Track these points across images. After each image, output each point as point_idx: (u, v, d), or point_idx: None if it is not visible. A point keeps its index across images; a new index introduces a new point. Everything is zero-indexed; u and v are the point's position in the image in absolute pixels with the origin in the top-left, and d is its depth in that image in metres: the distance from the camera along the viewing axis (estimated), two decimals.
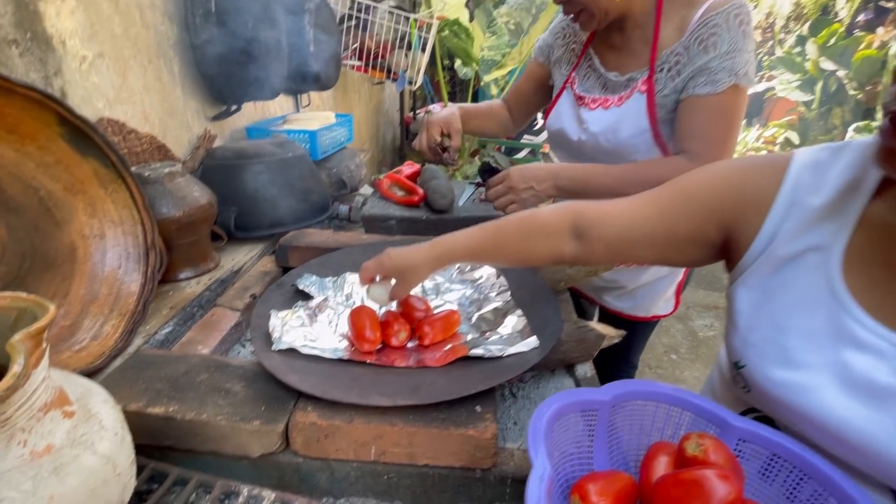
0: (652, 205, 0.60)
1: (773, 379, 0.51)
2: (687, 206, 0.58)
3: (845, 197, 0.49)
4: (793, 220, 0.51)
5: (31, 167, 0.72)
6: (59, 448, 0.39)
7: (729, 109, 0.81)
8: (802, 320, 0.50)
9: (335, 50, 1.66)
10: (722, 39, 0.78)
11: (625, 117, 0.90)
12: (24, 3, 0.74)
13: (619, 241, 0.61)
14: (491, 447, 0.56)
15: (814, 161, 0.52)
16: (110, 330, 0.76)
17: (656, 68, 0.86)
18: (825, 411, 0.47)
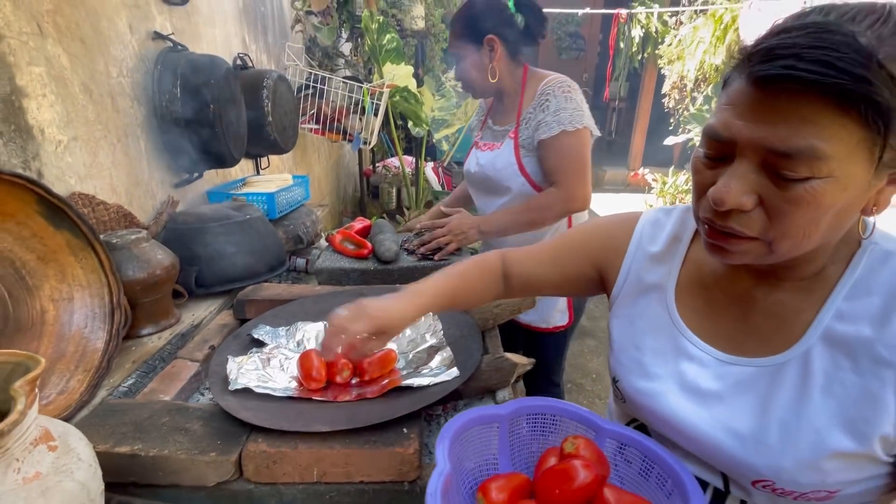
0: (548, 252, 0.78)
1: (636, 388, 0.65)
2: (571, 252, 0.76)
3: (672, 246, 0.67)
4: (638, 261, 0.69)
5: (9, 241, 0.81)
6: (45, 475, 0.48)
7: (569, 147, 1.18)
8: (653, 341, 0.65)
9: (292, 119, 1.83)
10: (551, 103, 1.18)
11: (500, 155, 1.30)
12: (10, 101, 0.86)
13: (529, 280, 0.78)
14: (414, 461, 0.67)
15: (653, 219, 0.70)
16: (76, 384, 0.83)
17: (521, 122, 1.26)
18: (670, 411, 0.60)
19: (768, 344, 0.54)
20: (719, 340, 0.58)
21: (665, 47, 4.35)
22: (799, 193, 0.43)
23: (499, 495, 0.61)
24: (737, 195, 0.45)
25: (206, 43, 1.53)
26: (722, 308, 0.59)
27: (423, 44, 3.69)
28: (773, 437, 0.51)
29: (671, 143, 4.28)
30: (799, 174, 0.42)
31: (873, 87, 0.38)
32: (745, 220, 0.47)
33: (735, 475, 0.55)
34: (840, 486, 0.49)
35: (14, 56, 0.86)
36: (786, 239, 0.46)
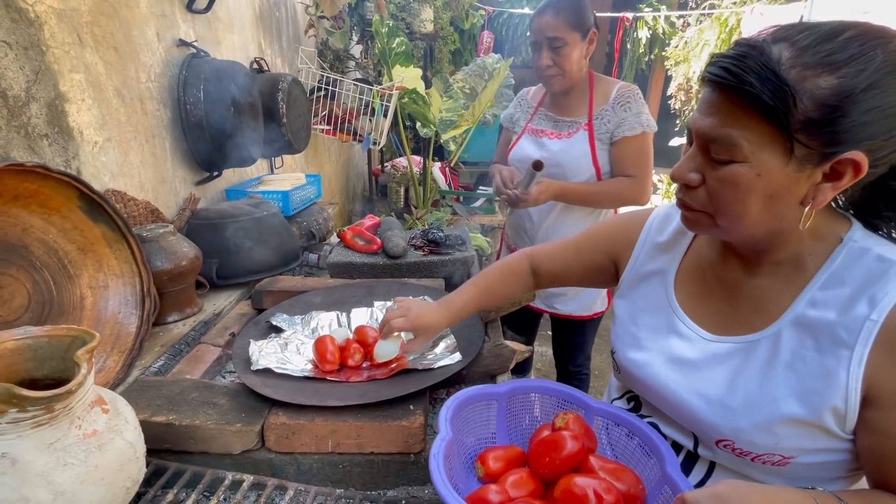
0: (573, 248, 0.86)
1: (628, 358, 0.72)
2: (591, 246, 0.84)
3: (677, 237, 0.73)
4: (646, 249, 0.75)
5: (54, 232, 0.90)
6: (100, 432, 0.56)
7: (645, 145, 1.29)
8: (650, 319, 0.72)
9: (305, 120, 1.91)
10: (632, 105, 1.27)
11: (573, 144, 1.34)
12: (54, 105, 0.94)
13: (557, 274, 0.87)
14: (419, 434, 0.74)
15: (664, 213, 0.76)
16: (112, 364, 0.91)
17: (594, 117, 1.32)
18: (654, 378, 0.67)
19: (748, 324, 0.61)
20: (707, 321, 0.65)
21: (672, 49, 4.38)
22: (722, 174, 0.53)
23: (495, 464, 0.67)
24: (683, 172, 0.57)
25: (226, 48, 1.61)
26: (713, 292, 0.66)
27: (432, 46, 3.76)
28: (736, 402, 0.57)
29: (677, 144, 4.31)
30: (721, 157, 0.52)
31: (767, 93, 0.47)
32: (692, 195, 0.58)
33: (702, 435, 0.62)
34: (794, 452, 0.54)
35: (58, 64, 0.94)
36: (722, 215, 0.55)
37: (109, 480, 0.55)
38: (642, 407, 0.73)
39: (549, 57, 1.24)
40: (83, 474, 0.52)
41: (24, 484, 0.48)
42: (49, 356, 0.60)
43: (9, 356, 0.57)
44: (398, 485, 0.77)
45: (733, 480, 0.48)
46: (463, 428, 0.71)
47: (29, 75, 0.88)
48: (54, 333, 0.59)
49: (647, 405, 0.72)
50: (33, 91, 0.89)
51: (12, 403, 0.47)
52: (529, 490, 0.63)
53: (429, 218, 2.78)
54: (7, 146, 0.85)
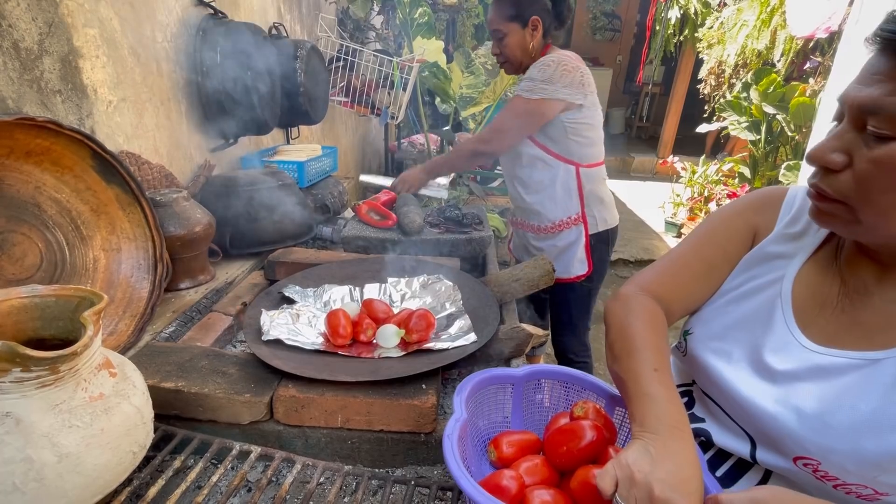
0: (698, 262, 0.67)
1: (705, 344, 0.63)
2: (726, 250, 0.66)
3: (813, 226, 0.61)
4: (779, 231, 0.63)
5: (67, 192, 0.88)
6: (107, 396, 0.54)
7: (510, 107, 1.33)
8: (749, 303, 0.62)
9: (323, 90, 1.86)
10: (533, 70, 1.30)
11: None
12: (68, 60, 0.91)
13: (689, 304, 0.68)
14: (431, 414, 0.72)
15: (802, 196, 0.63)
16: (123, 327, 0.90)
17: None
18: (729, 377, 0.59)
19: (870, 339, 0.52)
20: (814, 329, 0.57)
21: (706, 30, 4.18)
22: (879, 154, 0.44)
23: (509, 449, 0.65)
24: (825, 151, 0.48)
25: (244, 10, 1.56)
26: (834, 298, 0.57)
27: (455, 19, 3.64)
28: (838, 421, 0.50)
29: (704, 130, 4.16)
30: (883, 131, 0.43)
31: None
32: (832, 181, 0.48)
33: (778, 446, 0.54)
34: (892, 489, 0.47)
35: (72, 17, 0.91)
36: (868, 205, 0.46)
37: (115, 444, 0.54)
38: (695, 405, 0.66)
39: (495, 46, 1.38)
40: (89, 437, 0.51)
41: (28, 444, 0.47)
42: (57, 316, 0.58)
43: (16, 314, 0.56)
44: (407, 464, 0.75)
45: (775, 487, 0.43)
46: (477, 410, 0.69)
47: (42, 27, 0.85)
48: (62, 293, 0.58)
49: (703, 403, 0.64)
50: (46, 44, 0.86)
51: (16, 362, 0.46)
52: (543, 478, 0.61)
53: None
54: (19, 100, 0.83)
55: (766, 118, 3.16)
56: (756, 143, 3.35)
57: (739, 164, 3.62)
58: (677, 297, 0.67)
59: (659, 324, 0.62)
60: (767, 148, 3.28)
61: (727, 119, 3.43)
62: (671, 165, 4.63)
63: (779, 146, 3.33)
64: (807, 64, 3.50)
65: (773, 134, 3.23)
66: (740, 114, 3.30)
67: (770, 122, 3.18)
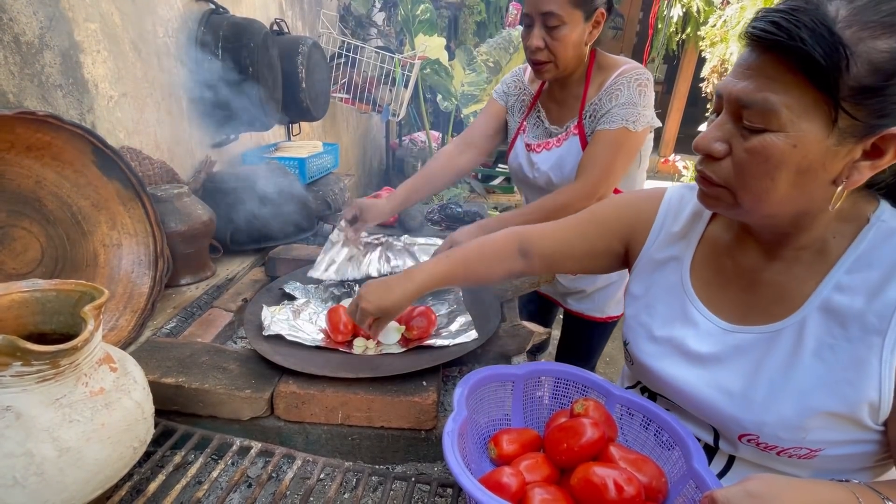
0: (573, 228, 0.77)
1: (643, 351, 0.68)
2: (599, 228, 0.75)
3: (693, 223, 0.68)
4: (662, 235, 0.70)
5: (68, 187, 0.88)
6: (108, 391, 0.54)
7: (617, 143, 1.01)
8: (664, 308, 0.67)
9: (324, 86, 1.86)
10: (622, 94, 1.01)
11: (565, 155, 1.10)
12: (69, 55, 0.91)
13: (552, 256, 0.76)
14: (432, 411, 0.72)
15: (679, 195, 0.71)
16: (124, 323, 0.90)
17: (584, 115, 1.07)
18: (669, 372, 0.64)
19: (769, 313, 0.57)
20: (724, 310, 0.61)
21: (708, 28, 4.17)
22: (754, 143, 0.48)
23: (509, 446, 0.65)
24: (709, 141, 0.52)
25: (246, 6, 1.56)
26: (731, 280, 0.62)
27: (457, 16, 3.63)
28: (759, 395, 0.54)
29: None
30: (755, 124, 0.47)
31: (820, 51, 0.42)
32: (716, 167, 0.52)
33: (724, 430, 0.59)
34: (822, 445, 0.51)
35: (73, 11, 0.91)
36: (746, 190, 0.50)
37: (116, 439, 0.54)
38: (656, 400, 0.69)
39: (540, 37, 0.98)
40: (89, 432, 0.51)
41: (28, 438, 0.47)
42: (57, 310, 0.58)
43: (16, 308, 0.56)
44: (407, 460, 0.75)
45: (765, 475, 0.45)
46: (477, 408, 0.68)
47: (43, 21, 0.85)
48: (62, 287, 0.57)
49: (661, 399, 0.69)
50: (47, 38, 0.86)
51: (16, 357, 0.46)
52: (544, 475, 0.60)
53: (446, 194, 2.73)
54: (20, 94, 0.82)
55: None
56: None
57: None
58: (541, 244, 0.77)
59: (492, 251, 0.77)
60: None
61: None
62: (673, 164, 4.61)
63: None
64: None
65: None
66: None
67: None
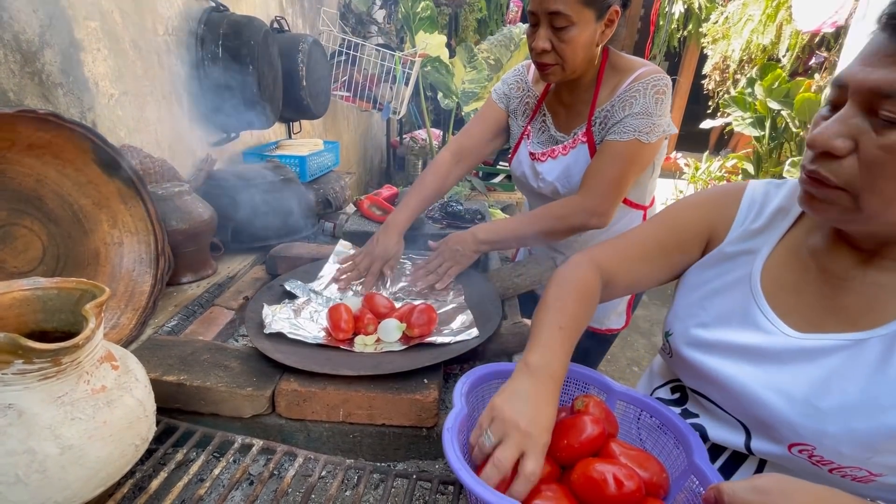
0: (654, 247, 0.70)
1: (688, 343, 0.64)
2: (678, 236, 0.69)
3: (776, 218, 0.63)
4: (738, 231, 0.65)
5: (69, 185, 0.88)
6: (110, 389, 0.54)
7: (626, 157, 0.94)
8: (723, 302, 0.63)
9: (325, 84, 1.85)
10: (637, 102, 0.93)
11: (573, 165, 1.04)
12: (69, 53, 0.91)
13: (636, 282, 0.72)
14: (433, 408, 0.72)
15: (763, 191, 0.66)
16: (126, 321, 0.91)
17: (593, 122, 1.01)
18: (716, 367, 0.60)
19: (853, 322, 0.53)
20: (795, 317, 0.57)
21: (710, 25, 4.15)
22: (891, 140, 0.42)
23: None
24: (829, 136, 0.45)
25: (246, 4, 1.56)
26: (811, 284, 0.57)
27: (458, 13, 3.63)
28: (828, 404, 0.50)
29: (708, 126, 4.13)
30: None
31: None
32: (834, 167, 0.46)
33: (773, 434, 0.54)
34: (886, 470, 0.48)
35: (73, 10, 0.90)
36: (873, 194, 0.44)
37: (118, 437, 0.54)
38: (688, 401, 0.67)
39: (546, 38, 0.90)
40: (91, 430, 0.51)
41: (30, 436, 0.47)
42: (59, 308, 0.58)
43: (18, 306, 0.56)
44: (409, 458, 0.75)
45: (776, 474, 0.43)
46: (478, 405, 0.68)
47: (42, 19, 0.85)
48: (64, 286, 0.58)
49: (695, 400, 0.65)
50: (47, 36, 0.86)
51: (18, 354, 0.46)
52: (545, 472, 0.60)
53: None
54: (21, 93, 0.82)
55: (770, 114, 3.14)
56: (760, 140, 3.33)
57: (743, 161, 3.60)
58: (623, 271, 0.70)
59: (587, 295, 0.66)
60: (772, 144, 3.26)
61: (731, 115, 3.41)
62: (674, 162, 4.60)
63: (783, 142, 3.31)
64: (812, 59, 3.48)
65: (778, 130, 3.21)
66: (744, 109, 3.28)
67: (774, 118, 3.16)
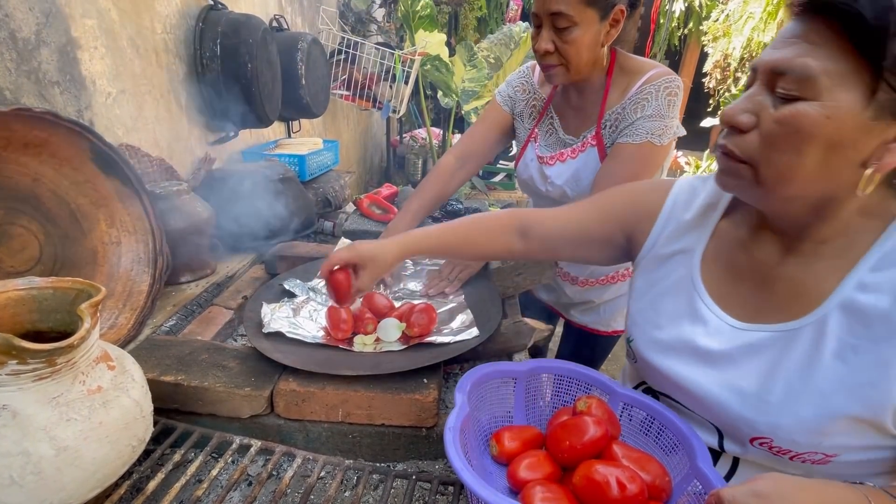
0: (576, 214, 0.75)
1: (648, 348, 0.66)
2: (601, 216, 0.73)
3: (706, 213, 0.65)
4: (670, 228, 0.68)
5: (66, 185, 0.87)
6: (105, 389, 0.54)
7: (638, 159, 0.94)
8: (671, 303, 0.65)
9: (324, 83, 1.85)
10: (649, 104, 0.92)
11: (582, 168, 1.02)
12: (66, 51, 0.90)
13: (551, 240, 0.75)
14: (433, 408, 0.71)
15: (690, 186, 0.68)
16: (124, 321, 0.90)
17: (602, 125, 0.99)
18: (679, 371, 0.62)
19: (786, 310, 0.55)
20: (736, 307, 0.59)
21: (711, 23, 4.14)
22: (785, 113, 0.46)
23: (511, 443, 0.64)
24: (736, 111, 0.50)
25: (244, 2, 1.55)
26: (744, 275, 0.60)
27: (458, 12, 3.62)
28: (775, 396, 0.52)
29: (709, 125, 4.12)
30: (790, 92, 0.46)
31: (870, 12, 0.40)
32: (739, 141, 0.50)
33: (734, 432, 0.57)
34: (839, 450, 0.50)
35: (69, 8, 0.90)
36: (770, 166, 0.48)
37: (114, 438, 0.53)
38: (659, 400, 0.68)
39: (549, 39, 0.89)
40: (87, 430, 0.50)
41: (25, 437, 0.47)
42: (54, 308, 0.58)
43: (13, 306, 0.55)
44: (408, 458, 0.75)
45: (774, 475, 0.43)
46: (479, 404, 0.68)
47: (39, 17, 0.84)
48: (59, 285, 0.57)
49: (664, 399, 0.67)
50: (43, 35, 0.85)
51: (12, 355, 0.45)
52: (546, 473, 0.60)
53: None
54: (17, 91, 0.82)
55: None
56: None
57: None
58: (539, 223, 0.76)
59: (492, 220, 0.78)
60: None
61: None
62: (675, 160, 4.59)
63: None
64: None
65: None
66: None
67: None
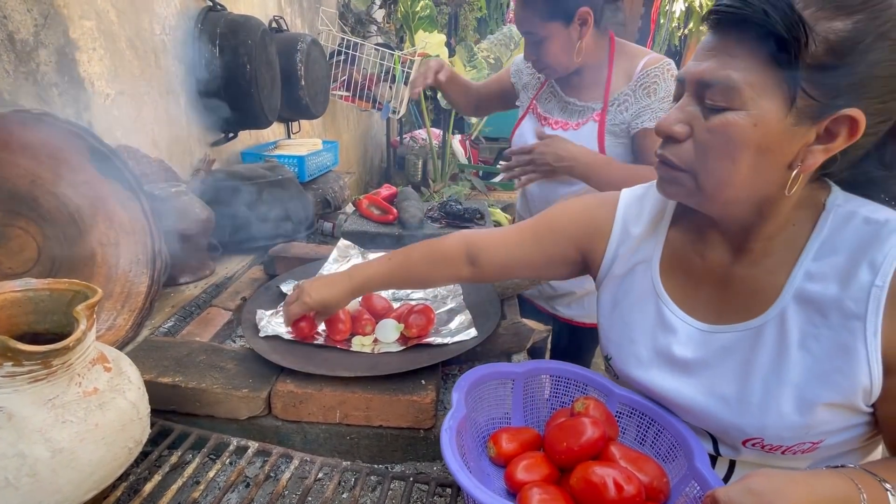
0: (527, 233, 0.74)
1: (627, 363, 0.66)
2: (553, 234, 0.72)
3: (655, 222, 0.66)
4: (626, 244, 0.67)
5: (64, 186, 0.87)
6: (102, 391, 0.54)
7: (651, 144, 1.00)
8: (639, 314, 0.64)
9: (324, 84, 1.85)
10: (660, 87, 1.02)
11: (580, 140, 1.08)
12: (64, 53, 0.90)
13: (504, 263, 0.74)
14: (430, 410, 0.71)
15: (636, 198, 0.68)
16: (122, 322, 0.90)
17: (609, 104, 1.07)
18: (659, 384, 0.62)
19: (747, 309, 0.56)
20: (700, 311, 0.60)
21: None
22: (715, 123, 0.48)
23: (509, 445, 0.64)
24: (670, 123, 0.52)
25: (244, 3, 1.55)
26: (701, 279, 0.61)
27: (457, 12, 3.62)
28: (755, 396, 0.53)
29: None
30: (718, 103, 0.48)
31: (781, 26, 0.43)
32: (677, 150, 0.52)
33: (725, 437, 0.57)
34: (823, 436, 0.51)
35: (68, 9, 0.90)
36: (707, 173, 0.51)
37: (111, 440, 0.53)
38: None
39: (529, 51, 1.05)
40: (83, 432, 0.50)
41: (20, 440, 0.46)
42: (51, 310, 0.58)
43: (9, 307, 0.55)
44: (406, 460, 0.74)
45: (766, 471, 0.44)
46: (476, 406, 0.68)
47: (37, 18, 0.84)
48: (55, 287, 0.57)
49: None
50: (42, 36, 0.85)
51: (7, 357, 0.45)
52: (544, 475, 0.60)
53: (446, 191, 2.72)
54: (15, 93, 0.82)
55: None
56: None
57: None
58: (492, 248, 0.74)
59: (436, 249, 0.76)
60: None
61: None
62: None
63: None
64: None
65: None
66: None
67: None
